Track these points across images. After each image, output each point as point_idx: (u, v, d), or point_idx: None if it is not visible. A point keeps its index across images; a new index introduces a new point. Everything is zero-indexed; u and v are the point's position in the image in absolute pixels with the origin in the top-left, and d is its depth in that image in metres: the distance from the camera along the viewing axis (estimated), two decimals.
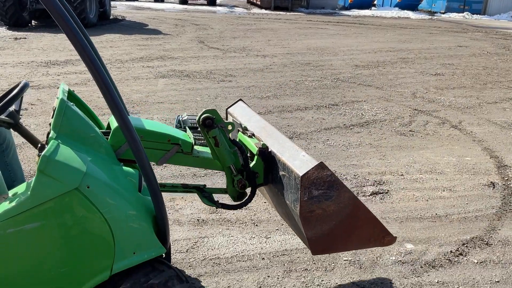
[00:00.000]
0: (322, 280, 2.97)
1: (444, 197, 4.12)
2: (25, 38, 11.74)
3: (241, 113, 2.85)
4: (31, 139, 2.17)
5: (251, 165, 2.48)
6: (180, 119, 5.32)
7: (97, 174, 1.93)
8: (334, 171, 4.52)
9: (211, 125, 2.34)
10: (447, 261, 3.21)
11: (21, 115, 5.99)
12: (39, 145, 2.04)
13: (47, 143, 1.95)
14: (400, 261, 3.20)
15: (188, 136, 2.52)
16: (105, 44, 11.08)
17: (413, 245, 3.39)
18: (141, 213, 2.01)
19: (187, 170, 4.37)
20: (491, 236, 3.53)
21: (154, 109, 6.29)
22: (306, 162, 2.22)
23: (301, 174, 2.15)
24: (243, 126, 2.71)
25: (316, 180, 2.17)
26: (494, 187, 4.32)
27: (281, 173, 2.35)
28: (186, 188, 2.57)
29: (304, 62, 9.76)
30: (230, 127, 2.44)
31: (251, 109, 2.86)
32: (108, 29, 13.69)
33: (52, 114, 2.05)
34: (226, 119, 3.01)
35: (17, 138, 4.33)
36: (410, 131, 5.79)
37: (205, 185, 2.60)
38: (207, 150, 2.54)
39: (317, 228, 2.27)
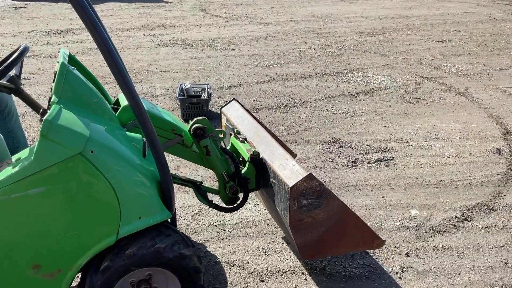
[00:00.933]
0: None
1: (450, 164, 4.10)
2: (24, 7, 11.57)
3: (234, 114, 2.89)
4: (33, 105, 2.14)
5: (243, 171, 2.52)
6: (183, 87, 5.29)
7: (101, 139, 1.91)
8: (339, 139, 4.50)
9: (202, 135, 2.38)
10: (452, 226, 3.22)
11: (23, 84, 5.95)
12: (41, 110, 2.02)
13: (49, 108, 1.92)
14: (405, 226, 3.20)
15: None
16: (106, 13, 10.92)
17: (417, 210, 3.39)
18: (146, 178, 2.00)
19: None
20: (496, 202, 3.52)
21: (157, 78, 6.23)
22: (295, 173, 2.25)
23: (290, 185, 2.19)
24: (235, 130, 2.75)
25: (305, 190, 2.21)
26: (499, 154, 4.29)
27: (271, 180, 2.39)
28: (183, 181, 2.60)
29: (308, 30, 9.60)
30: (221, 135, 2.49)
31: (245, 109, 2.88)
32: None
33: (53, 79, 2.02)
34: (220, 119, 3.05)
35: (20, 107, 4.30)
36: (415, 98, 5.72)
37: (201, 182, 2.63)
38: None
39: (306, 235, 2.32)
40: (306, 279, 2.69)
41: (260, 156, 2.48)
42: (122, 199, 1.91)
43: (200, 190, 2.58)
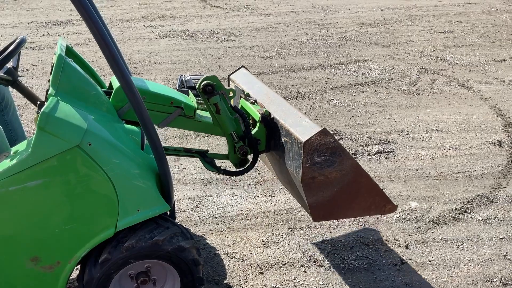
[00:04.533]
0: (326, 237, 2.98)
1: (450, 156, 4.09)
2: None
3: (243, 80, 2.81)
4: (31, 97, 2.13)
5: (253, 132, 2.45)
6: (183, 79, 5.26)
7: (99, 131, 1.90)
8: (339, 131, 4.49)
9: (212, 92, 2.30)
10: (452, 218, 3.21)
11: (22, 76, 5.92)
12: (39, 102, 2.01)
13: (46, 100, 1.92)
14: (404, 218, 3.20)
15: (191, 100, 2.48)
16: (106, 4, 10.86)
17: (417, 203, 3.38)
18: (144, 170, 2.00)
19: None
20: (496, 194, 3.51)
21: (157, 70, 6.21)
22: (309, 128, 2.19)
23: (304, 140, 2.13)
24: (245, 92, 2.66)
25: (319, 146, 2.15)
26: (500, 145, 4.28)
27: (283, 139, 2.33)
28: (188, 153, 2.55)
29: (309, 21, 9.54)
30: (231, 94, 2.40)
31: (254, 76, 2.80)
32: None
33: (50, 70, 2.01)
34: (228, 86, 2.96)
35: (18, 99, 4.30)
36: (416, 90, 5.70)
37: (207, 150, 2.58)
38: (209, 115, 2.51)
39: (318, 194, 2.27)
40: (305, 271, 2.69)
41: (272, 116, 2.40)
42: (120, 191, 1.91)
43: (207, 158, 2.52)
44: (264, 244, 2.91)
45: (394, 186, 3.60)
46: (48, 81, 1.96)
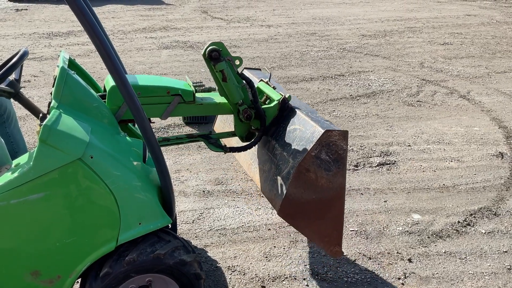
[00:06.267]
0: None
1: (452, 168, 4.07)
2: (26, 9, 11.58)
3: (259, 76, 2.74)
4: (33, 109, 2.13)
5: (266, 106, 2.37)
6: None
7: (101, 144, 1.89)
8: None
9: (218, 57, 2.21)
10: (455, 231, 3.19)
11: (23, 86, 5.92)
12: (41, 114, 2.00)
13: (48, 112, 1.91)
14: (407, 231, 3.18)
15: (188, 84, 2.41)
16: (107, 15, 10.92)
17: (420, 215, 3.36)
18: (146, 183, 1.98)
19: None
20: (499, 207, 3.49)
21: None
22: (330, 125, 2.16)
23: (324, 129, 2.08)
24: (265, 80, 2.59)
25: (333, 144, 2.10)
26: (502, 157, 4.26)
27: (293, 127, 2.25)
28: (191, 138, 2.47)
29: (310, 32, 9.59)
30: (237, 62, 2.31)
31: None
32: None
33: (53, 83, 2.00)
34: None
35: (20, 110, 4.31)
36: (417, 101, 5.70)
37: (210, 132, 2.52)
38: (210, 95, 2.45)
39: (299, 190, 2.19)
40: (307, 285, 2.66)
41: (291, 106, 2.32)
42: (122, 205, 1.90)
43: (211, 140, 2.45)
44: (266, 257, 2.89)
45: (397, 198, 3.58)
46: (50, 93, 1.95)
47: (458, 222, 3.29)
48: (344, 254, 2.93)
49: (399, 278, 2.74)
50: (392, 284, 2.69)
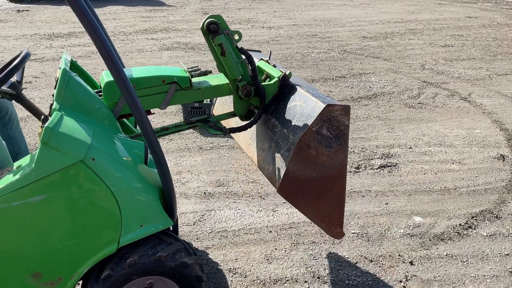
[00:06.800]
0: (329, 253, 2.95)
1: (453, 170, 4.07)
2: (27, 10, 11.60)
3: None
4: (34, 111, 2.13)
5: (266, 83, 2.32)
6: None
7: (102, 146, 1.89)
8: None
9: (216, 30, 2.14)
10: (456, 234, 3.19)
11: (25, 88, 5.93)
12: (42, 116, 2.00)
13: (50, 114, 1.91)
14: (409, 234, 3.17)
15: (183, 70, 2.36)
16: (109, 16, 10.93)
17: (421, 218, 3.35)
18: (147, 185, 1.98)
19: None
20: (501, 209, 3.49)
21: None
22: (331, 100, 2.10)
23: (325, 103, 2.03)
24: (270, 52, 2.52)
25: (334, 119, 2.05)
26: (504, 160, 4.26)
27: (294, 103, 2.20)
28: (190, 124, 2.43)
29: (311, 34, 9.59)
30: (237, 37, 2.24)
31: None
32: (111, 1, 13.48)
33: (55, 85, 2.00)
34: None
35: (21, 112, 4.31)
36: (418, 103, 5.70)
37: (209, 116, 2.48)
38: (207, 79, 2.40)
39: (299, 167, 2.13)
40: None
41: (291, 83, 2.27)
42: (124, 207, 1.89)
43: (210, 123, 2.40)
44: (267, 259, 2.88)
45: (398, 200, 3.58)
46: (52, 95, 1.95)
47: (460, 224, 3.28)
48: (346, 256, 2.93)
49: (400, 281, 2.73)
50: (394, 287, 2.68)
